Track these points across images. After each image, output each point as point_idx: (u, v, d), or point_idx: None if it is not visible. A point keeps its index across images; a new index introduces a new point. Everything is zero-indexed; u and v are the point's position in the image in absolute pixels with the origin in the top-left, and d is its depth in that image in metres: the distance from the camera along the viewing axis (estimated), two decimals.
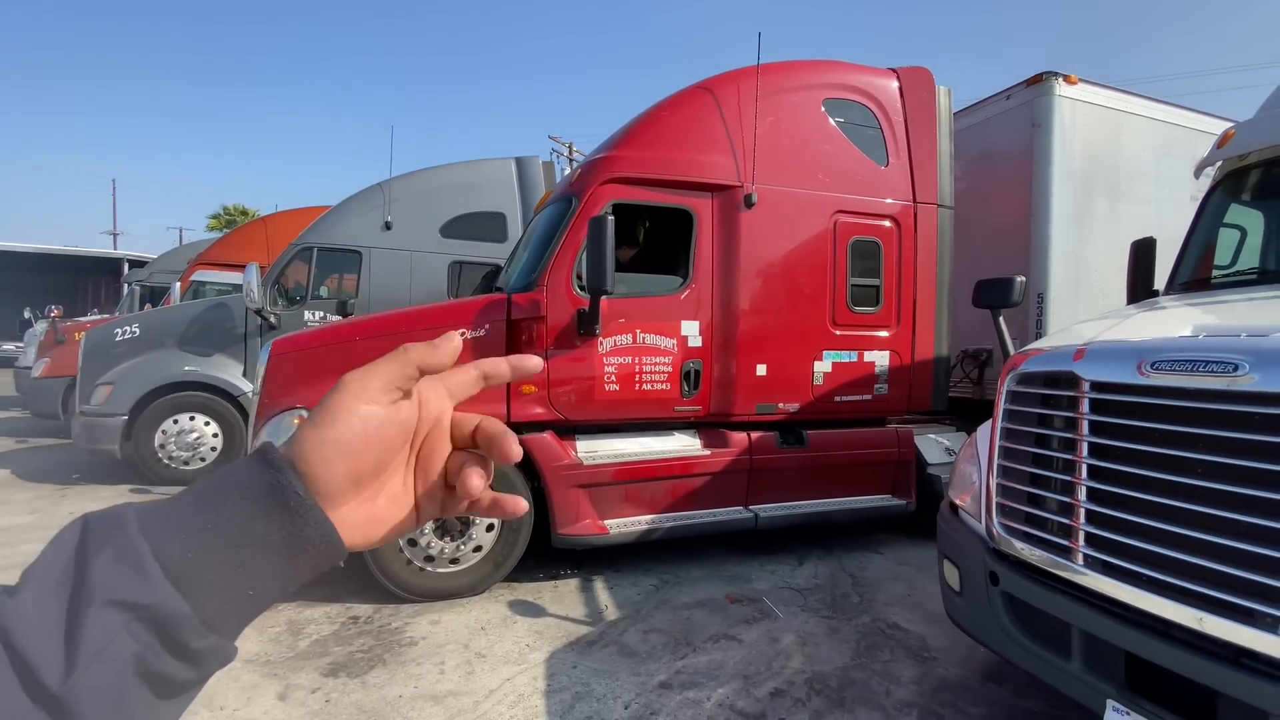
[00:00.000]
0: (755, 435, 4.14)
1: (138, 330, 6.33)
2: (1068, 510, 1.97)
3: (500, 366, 0.48)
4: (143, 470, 6.06)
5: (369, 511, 0.43)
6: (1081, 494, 1.92)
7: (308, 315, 6.37)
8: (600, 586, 3.82)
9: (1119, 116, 5.22)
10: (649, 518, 3.89)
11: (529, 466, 3.69)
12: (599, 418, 3.88)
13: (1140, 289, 3.25)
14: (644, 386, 3.87)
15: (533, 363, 0.49)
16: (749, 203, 3.99)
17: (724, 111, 4.05)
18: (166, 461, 6.07)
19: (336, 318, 6.07)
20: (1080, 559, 1.92)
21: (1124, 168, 5.26)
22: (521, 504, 0.49)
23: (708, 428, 4.15)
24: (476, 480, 0.45)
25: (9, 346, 21.61)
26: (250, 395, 5.34)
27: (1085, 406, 1.92)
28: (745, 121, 4.02)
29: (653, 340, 3.88)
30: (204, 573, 0.36)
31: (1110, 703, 1.80)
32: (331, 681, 2.75)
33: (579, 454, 3.80)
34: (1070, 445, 1.98)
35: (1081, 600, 1.91)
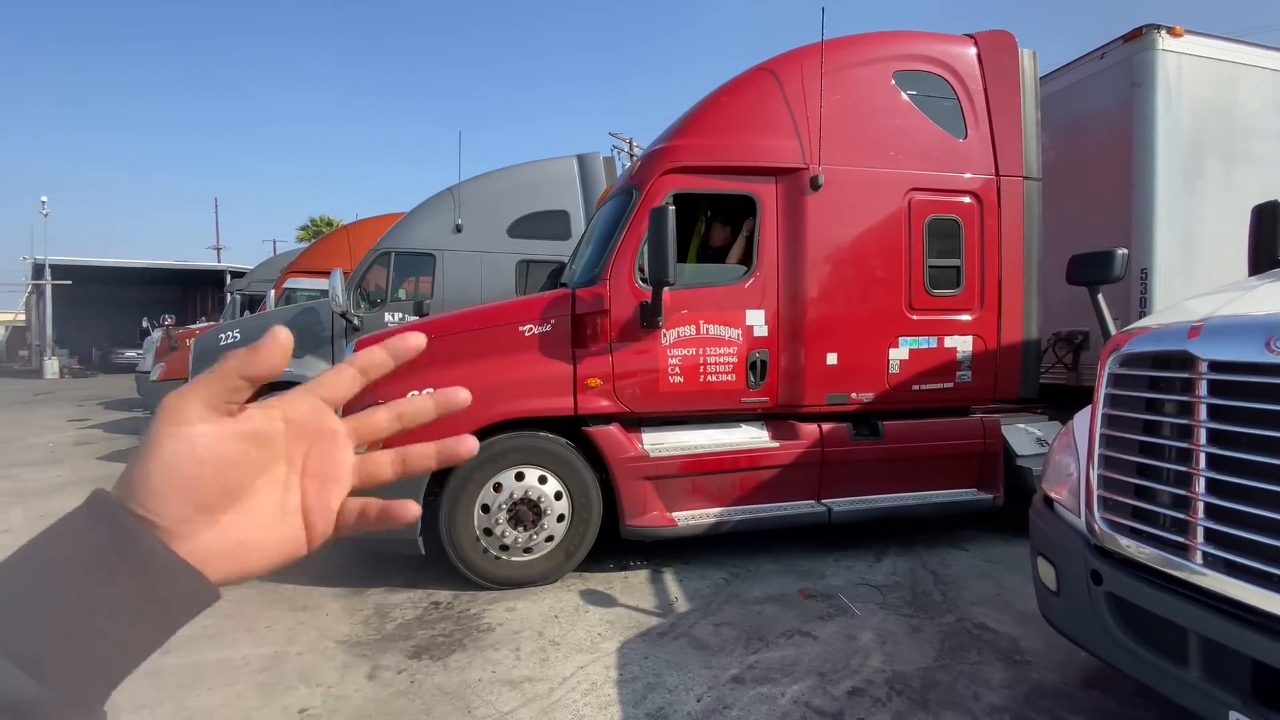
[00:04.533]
0: (827, 427, 4.01)
1: (239, 335, 6.86)
2: (1183, 504, 1.79)
3: (377, 355, 0.44)
4: None
5: (237, 538, 0.39)
6: (1200, 486, 1.74)
7: (388, 316, 6.70)
8: (670, 578, 3.81)
9: (1233, 69, 4.71)
10: (717, 510, 3.85)
11: (596, 458, 3.73)
12: (664, 410, 3.87)
13: (1264, 258, 2.91)
14: (709, 378, 3.82)
15: (412, 340, 0.45)
16: (815, 185, 3.86)
17: (787, 92, 3.93)
18: None
19: (414, 318, 6.35)
20: (1199, 557, 1.73)
21: (1240, 126, 4.74)
22: (411, 509, 0.45)
23: (776, 419, 4.06)
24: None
25: (131, 353, 23.99)
26: None
27: (1203, 389, 1.73)
28: (810, 101, 3.88)
29: (717, 331, 3.83)
30: (59, 655, 0.32)
31: (1234, 715, 1.63)
32: (416, 664, 2.88)
33: (645, 446, 3.81)
34: (1186, 432, 1.79)
35: (1200, 602, 1.73)
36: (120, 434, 9.87)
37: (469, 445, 0.47)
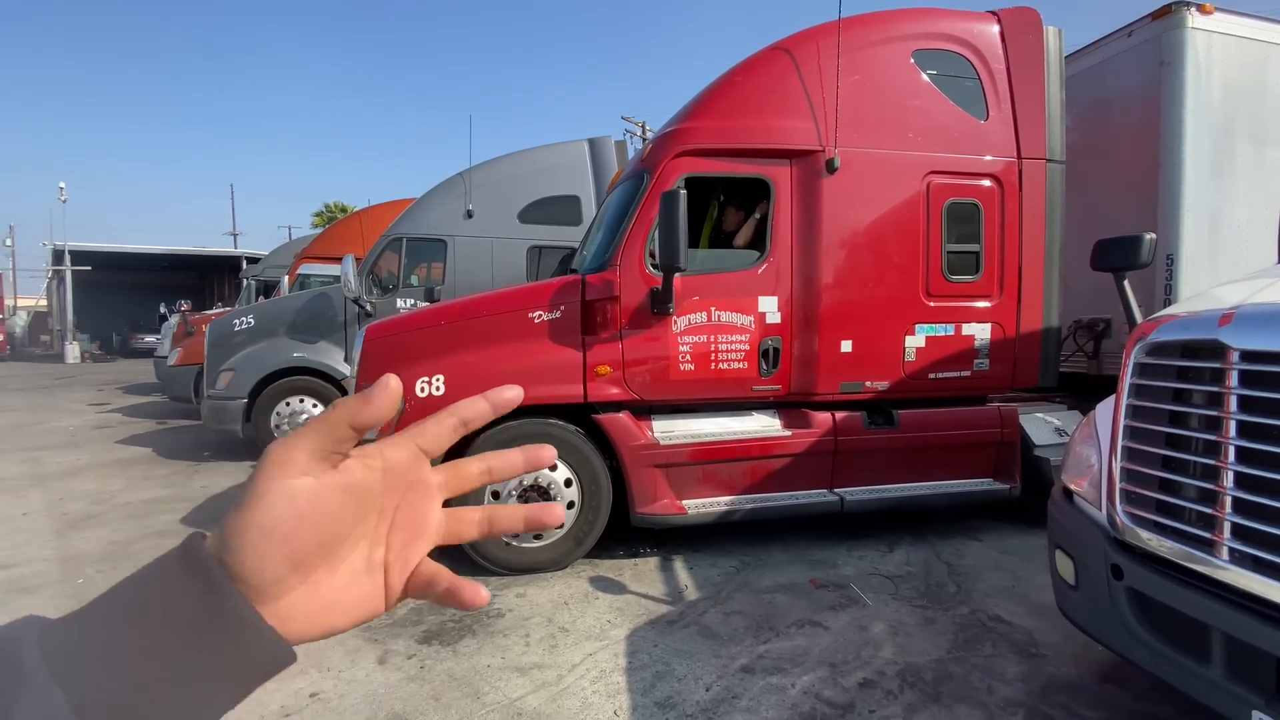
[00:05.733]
0: (840, 415, 3.95)
1: (253, 321, 6.90)
2: (1210, 498, 1.73)
3: (479, 406, 0.43)
4: (262, 450, 6.64)
5: (324, 596, 0.38)
6: (1228, 479, 1.68)
7: (400, 302, 6.70)
8: (680, 566, 3.80)
9: (1266, 49, 4.54)
10: (728, 499, 3.82)
11: (606, 446, 3.71)
12: (675, 398, 3.83)
13: None
14: (720, 365, 3.78)
15: (510, 393, 0.45)
16: (831, 168, 3.77)
17: (803, 72, 3.83)
18: None
19: (425, 304, 6.34)
20: (1224, 553, 1.68)
21: (1272, 107, 4.58)
22: (481, 594, 0.42)
23: (788, 407, 4.01)
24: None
25: (150, 338, 24.38)
26: (350, 378, 5.70)
27: (1234, 379, 1.67)
28: (826, 82, 3.79)
29: (728, 318, 3.78)
30: (128, 716, 0.31)
31: (1257, 715, 1.58)
32: (426, 649, 2.89)
33: (655, 434, 3.78)
34: (1214, 424, 1.73)
35: (1224, 599, 1.68)
36: (139, 418, 10.02)
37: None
